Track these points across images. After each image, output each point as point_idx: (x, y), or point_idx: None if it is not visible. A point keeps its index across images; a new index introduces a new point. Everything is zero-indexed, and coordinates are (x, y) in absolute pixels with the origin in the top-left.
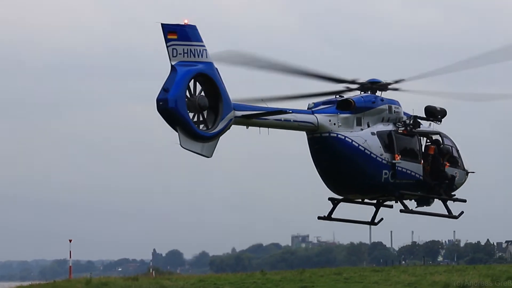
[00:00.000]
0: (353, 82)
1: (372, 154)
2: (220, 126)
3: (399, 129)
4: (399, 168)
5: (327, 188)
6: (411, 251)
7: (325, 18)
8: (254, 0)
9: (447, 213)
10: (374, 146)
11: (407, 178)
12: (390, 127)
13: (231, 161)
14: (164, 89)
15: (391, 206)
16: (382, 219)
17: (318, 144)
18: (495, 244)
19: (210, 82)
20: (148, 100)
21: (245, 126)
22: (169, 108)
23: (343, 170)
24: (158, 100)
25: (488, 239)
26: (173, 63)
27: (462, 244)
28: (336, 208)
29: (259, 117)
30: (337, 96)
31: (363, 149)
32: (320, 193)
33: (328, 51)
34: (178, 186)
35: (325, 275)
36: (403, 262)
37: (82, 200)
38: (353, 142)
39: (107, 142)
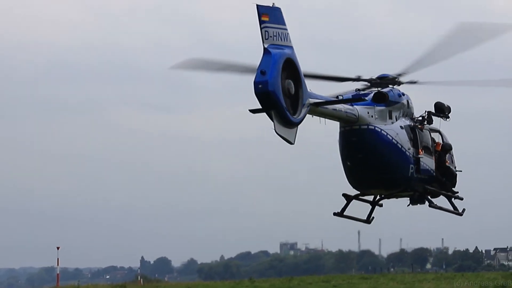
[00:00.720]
0: (358, 79)
1: (402, 148)
2: (303, 113)
3: (417, 124)
4: (422, 163)
5: (348, 183)
6: (399, 259)
7: (312, 22)
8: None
9: (453, 209)
10: (404, 140)
11: (426, 174)
12: (410, 121)
13: (221, 168)
14: (262, 72)
15: (381, 205)
16: (374, 217)
17: (356, 136)
18: (483, 251)
19: (294, 67)
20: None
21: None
22: (269, 91)
23: (377, 163)
24: (256, 83)
25: (476, 247)
26: (265, 46)
27: (450, 252)
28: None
29: (334, 104)
30: (357, 90)
31: (395, 142)
32: (310, 199)
33: (315, 55)
34: (167, 194)
35: (313, 282)
36: (392, 269)
37: (70, 207)
38: (388, 135)
39: (95, 150)
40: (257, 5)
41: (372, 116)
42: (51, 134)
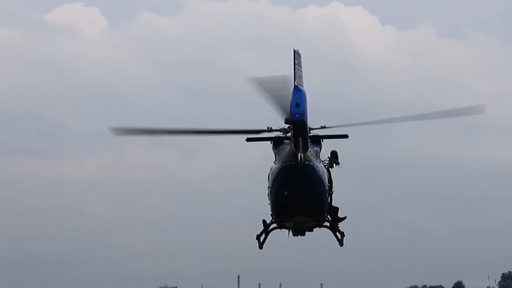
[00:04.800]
0: (270, 130)
1: (325, 184)
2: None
3: (326, 165)
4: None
5: (273, 211)
6: None
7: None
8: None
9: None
10: (325, 178)
11: (330, 208)
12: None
13: (92, 211)
14: (297, 104)
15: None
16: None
17: (300, 170)
18: None
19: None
20: None
21: None
22: (304, 120)
23: (311, 194)
24: (294, 113)
25: None
26: (296, 84)
27: None
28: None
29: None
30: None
31: (323, 179)
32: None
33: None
34: (43, 234)
35: None
36: None
37: None
38: (320, 172)
39: None
40: (294, 49)
41: (312, 155)
42: None
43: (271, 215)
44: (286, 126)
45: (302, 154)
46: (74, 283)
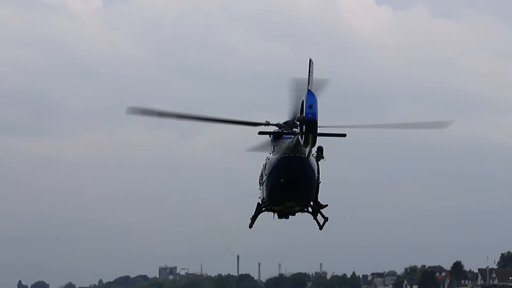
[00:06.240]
0: (267, 124)
1: (316, 174)
2: None
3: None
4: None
5: (268, 195)
6: (278, 283)
7: (176, 48)
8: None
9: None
10: (316, 170)
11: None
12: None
13: (93, 190)
14: (310, 106)
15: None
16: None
17: (296, 161)
18: (360, 276)
19: None
20: None
21: None
22: (316, 120)
23: (304, 183)
24: (307, 113)
25: (354, 272)
26: (309, 88)
27: (328, 276)
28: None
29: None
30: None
31: (314, 169)
32: (188, 222)
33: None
34: (45, 213)
35: None
36: None
37: None
38: (312, 163)
39: None
40: (310, 59)
41: (307, 149)
42: None
43: (261, 198)
44: (296, 123)
45: (309, 148)
46: (72, 262)
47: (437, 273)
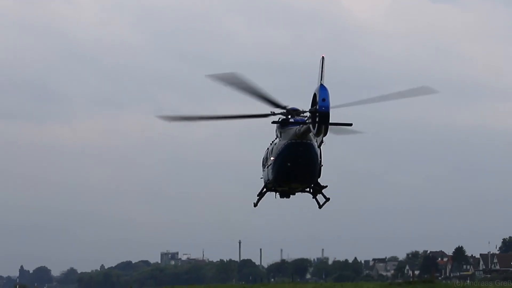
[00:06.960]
0: (273, 114)
1: (319, 158)
2: None
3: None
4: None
5: (275, 177)
6: (280, 269)
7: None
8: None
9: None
10: (318, 155)
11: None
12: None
13: (97, 176)
14: (323, 99)
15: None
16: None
17: (302, 147)
18: (362, 262)
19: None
20: None
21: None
22: (329, 113)
23: (309, 166)
24: (321, 106)
25: (355, 257)
26: (322, 83)
27: (330, 262)
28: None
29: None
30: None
31: (317, 154)
32: (190, 210)
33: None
34: (46, 201)
35: None
36: (272, 279)
37: None
38: (316, 149)
39: None
40: (322, 56)
41: (312, 135)
42: None
43: (264, 179)
44: (309, 113)
45: (321, 138)
46: (74, 248)
47: (439, 258)
